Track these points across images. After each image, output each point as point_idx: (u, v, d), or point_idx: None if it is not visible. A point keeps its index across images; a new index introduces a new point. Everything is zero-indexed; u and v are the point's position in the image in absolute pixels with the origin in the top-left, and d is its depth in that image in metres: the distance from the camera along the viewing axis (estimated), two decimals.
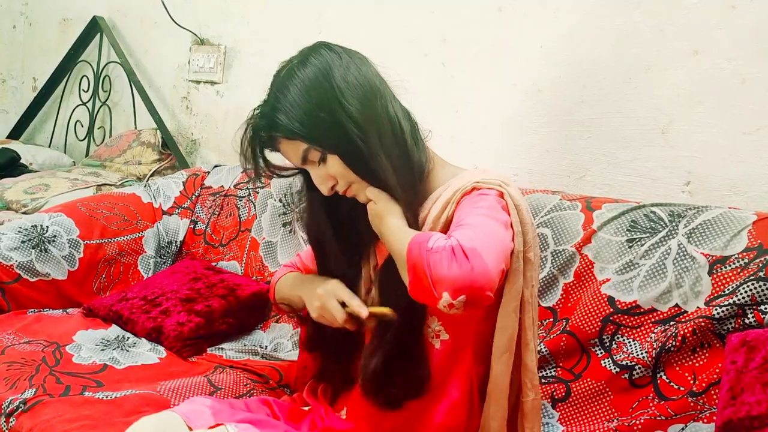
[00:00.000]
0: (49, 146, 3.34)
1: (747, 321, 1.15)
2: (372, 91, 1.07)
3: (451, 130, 1.90)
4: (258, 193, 2.07)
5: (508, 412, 1.10)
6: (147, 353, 1.63)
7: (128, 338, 1.70)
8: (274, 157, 1.15)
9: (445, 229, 1.05)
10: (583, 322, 1.34)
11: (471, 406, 1.11)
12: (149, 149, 2.74)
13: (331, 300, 1.10)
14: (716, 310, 1.18)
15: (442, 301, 0.89)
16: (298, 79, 1.05)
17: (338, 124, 1.03)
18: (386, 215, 1.05)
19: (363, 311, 1.07)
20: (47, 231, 1.90)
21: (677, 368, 1.22)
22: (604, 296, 1.33)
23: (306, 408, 1.27)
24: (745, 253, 1.21)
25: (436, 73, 1.95)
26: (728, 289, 1.19)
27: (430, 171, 1.14)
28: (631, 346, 1.28)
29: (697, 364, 1.20)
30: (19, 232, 1.86)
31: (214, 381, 1.48)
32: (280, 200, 1.99)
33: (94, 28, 3.11)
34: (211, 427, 1.04)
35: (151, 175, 2.66)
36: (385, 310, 1.07)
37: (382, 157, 1.04)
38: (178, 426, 1.05)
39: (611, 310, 1.32)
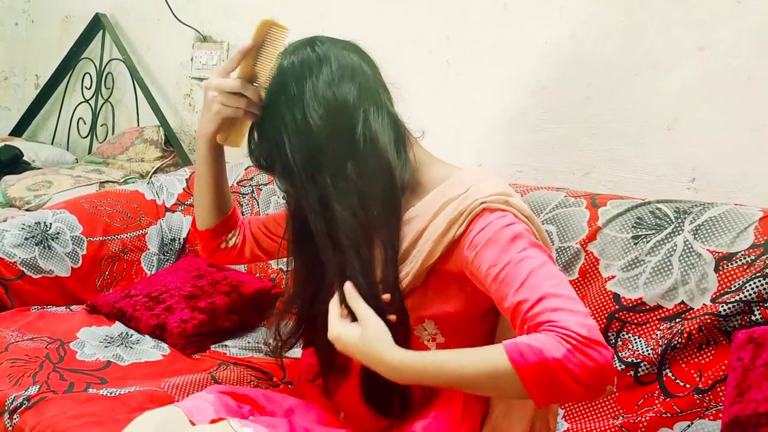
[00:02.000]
0: (52, 143, 3.34)
1: (753, 318, 1.15)
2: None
3: (455, 127, 1.90)
4: (261, 190, 2.07)
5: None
6: (150, 350, 1.63)
7: (132, 335, 1.70)
8: None
9: (449, 251, 1.02)
10: None
11: (467, 405, 1.08)
12: (152, 146, 2.74)
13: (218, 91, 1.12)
14: (722, 307, 1.18)
15: (606, 394, 0.89)
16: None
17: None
18: (376, 344, 0.95)
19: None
20: (50, 228, 1.90)
21: (683, 365, 1.21)
22: (609, 293, 1.33)
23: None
24: (751, 250, 1.20)
25: (440, 70, 1.94)
26: (734, 286, 1.19)
27: (416, 172, 1.10)
28: (636, 343, 1.27)
29: (703, 361, 1.19)
30: (22, 229, 1.86)
31: (218, 378, 1.48)
32: (284, 197, 1.99)
33: (97, 25, 3.10)
34: (213, 422, 1.04)
35: (154, 172, 2.65)
36: None
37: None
38: (181, 420, 1.05)
39: (616, 307, 1.31)
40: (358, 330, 0.96)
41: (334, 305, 1.02)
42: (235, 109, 1.11)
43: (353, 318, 0.99)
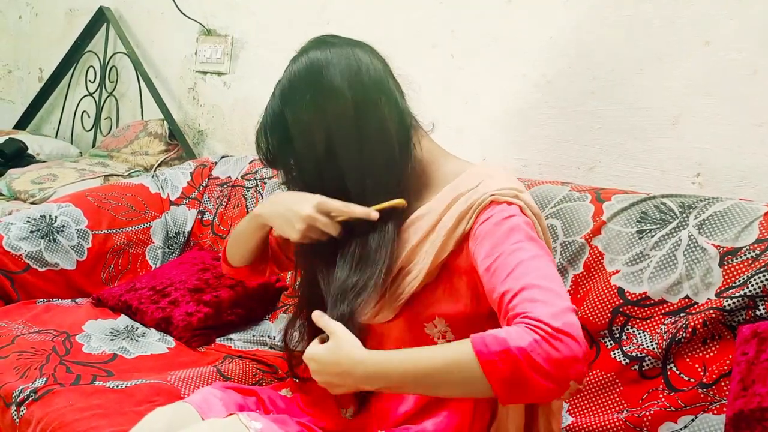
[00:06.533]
0: (56, 137, 3.35)
1: (758, 312, 1.15)
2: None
3: (459, 121, 1.90)
4: (266, 183, 2.07)
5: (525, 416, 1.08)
6: (156, 343, 1.64)
7: (137, 328, 1.71)
8: None
9: (459, 246, 1.03)
10: (593, 313, 1.34)
11: (477, 405, 1.09)
12: (156, 140, 2.75)
13: (321, 217, 1.07)
14: (727, 301, 1.18)
15: (569, 391, 0.83)
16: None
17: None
18: (345, 346, 0.94)
19: (372, 214, 1.05)
20: (56, 221, 1.90)
21: (687, 360, 1.21)
22: (613, 287, 1.33)
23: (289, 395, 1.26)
24: (756, 245, 1.20)
25: (444, 64, 1.94)
26: (739, 281, 1.19)
27: (428, 166, 1.13)
28: (641, 337, 1.28)
29: (707, 356, 1.19)
30: (27, 222, 1.87)
31: (224, 371, 1.49)
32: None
33: (101, 18, 3.11)
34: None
35: (159, 165, 2.66)
36: (395, 202, 1.05)
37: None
38: (191, 416, 1.06)
39: (621, 301, 1.31)
40: (327, 344, 0.95)
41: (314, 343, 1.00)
42: (313, 239, 1.10)
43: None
